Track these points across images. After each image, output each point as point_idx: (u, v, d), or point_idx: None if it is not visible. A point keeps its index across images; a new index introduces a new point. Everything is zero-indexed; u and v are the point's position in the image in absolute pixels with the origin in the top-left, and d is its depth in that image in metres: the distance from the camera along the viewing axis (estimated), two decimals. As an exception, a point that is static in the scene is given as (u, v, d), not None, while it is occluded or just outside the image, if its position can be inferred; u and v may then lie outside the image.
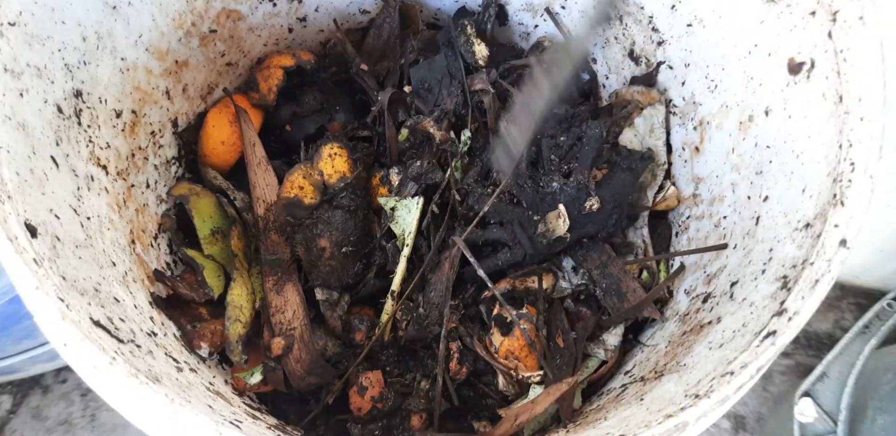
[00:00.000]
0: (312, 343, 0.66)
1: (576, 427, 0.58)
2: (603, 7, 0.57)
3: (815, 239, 0.49)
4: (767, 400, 1.13)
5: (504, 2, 0.83)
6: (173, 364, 0.52)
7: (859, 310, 1.20)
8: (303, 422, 0.66)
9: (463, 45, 0.78)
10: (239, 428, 0.46)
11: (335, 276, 0.69)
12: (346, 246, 0.69)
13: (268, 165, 0.72)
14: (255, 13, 0.75)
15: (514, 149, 0.62)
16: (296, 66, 0.77)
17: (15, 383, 1.14)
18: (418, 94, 0.78)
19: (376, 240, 0.72)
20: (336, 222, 0.69)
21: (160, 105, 0.69)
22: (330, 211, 0.70)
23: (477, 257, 0.66)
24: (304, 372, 0.64)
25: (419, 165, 0.71)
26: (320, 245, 0.69)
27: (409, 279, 0.70)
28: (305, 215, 0.69)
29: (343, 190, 0.70)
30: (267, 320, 0.67)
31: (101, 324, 0.45)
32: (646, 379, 0.59)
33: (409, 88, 0.78)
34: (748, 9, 0.59)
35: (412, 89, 0.78)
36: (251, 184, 0.72)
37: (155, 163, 0.69)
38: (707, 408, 0.44)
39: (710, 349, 0.54)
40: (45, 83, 0.52)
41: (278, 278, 0.67)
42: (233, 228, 0.68)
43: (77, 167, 0.55)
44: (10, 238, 0.43)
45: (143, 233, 0.64)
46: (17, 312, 0.84)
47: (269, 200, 0.71)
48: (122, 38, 0.61)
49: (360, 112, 0.83)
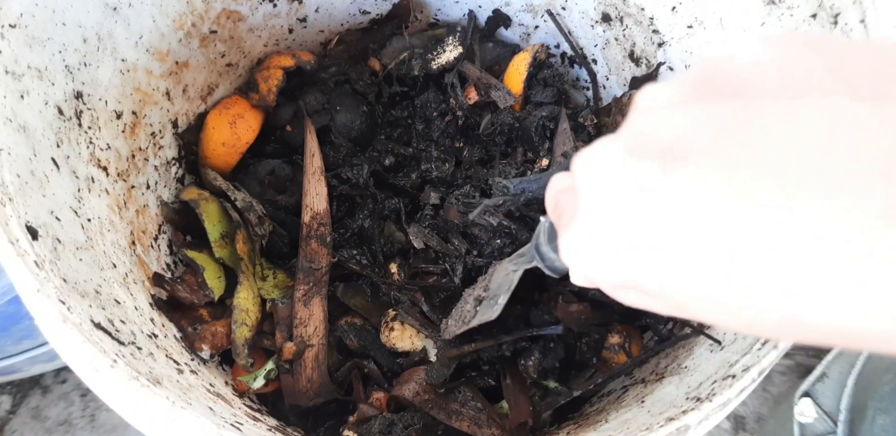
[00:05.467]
0: (326, 365, 0.66)
1: (576, 429, 0.58)
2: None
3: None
4: (767, 400, 1.13)
5: (504, 3, 0.83)
6: (174, 366, 0.52)
7: (859, 310, 1.20)
8: (305, 423, 0.66)
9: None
10: (240, 430, 0.46)
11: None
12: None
13: (322, 176, 0.74)
14: (255, 14, 0.75)
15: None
16: (296, 66, 0.77)
17: (15, 383, 1.14)
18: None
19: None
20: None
21: (160, 106, 0.69)
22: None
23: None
24: (314, 394, 0.65)
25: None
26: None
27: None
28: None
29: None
30: (284, 324, 0.67)
31: (102, 326, 0.45)
32: (647, 381, 0.59)
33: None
34: (749, 10, 0.59)
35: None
36: (304, 191, 0.73)
37: (155, 164, 0.69)
38: (709, 411, 0.44)
39: (712, 352, 0.54)
40: (46, 85, 0.52)
41: (309, 289, 0.68)
42: (238, 232, 0.68)
43: (78, 169, 0.55)
44: (12, 241, 0.43)
45: (143, 234, 0.64)
46: (17, 312, 0.84)
47: (316, 208, 0.72)
48: (122, 39, 0.61)
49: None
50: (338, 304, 0.71)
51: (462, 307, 0.61)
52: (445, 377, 0.62)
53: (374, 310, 0.70)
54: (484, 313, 0.54)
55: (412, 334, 0.67)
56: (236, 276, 0.67)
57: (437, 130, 0.82)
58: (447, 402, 0.61)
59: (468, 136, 0.81)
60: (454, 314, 0.63)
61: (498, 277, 0.56)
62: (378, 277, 0.72)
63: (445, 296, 0.70)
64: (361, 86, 0.82)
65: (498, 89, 0.78)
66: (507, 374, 0.63)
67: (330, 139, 0.80)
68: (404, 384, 0.62)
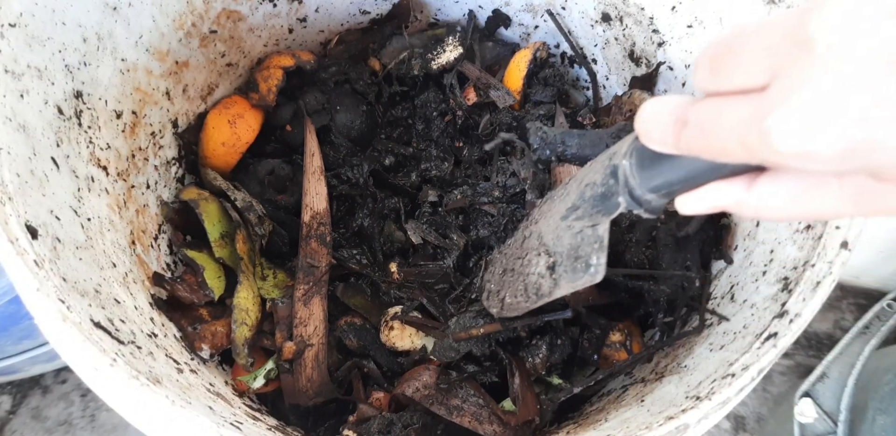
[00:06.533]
0: (326, 365, 0.66)
1: (576, 428, 0.58)
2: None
3: (816, 241, 0.49)
4: (767, 400, 1.13)
5: (504, 3, 0.83)
6: (174, 365, 0.52)
7: (859, 310, 1.20)
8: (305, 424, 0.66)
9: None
10: (239, 429, 0.46)
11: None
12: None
13: (322, 176, 0.74)
14: (255, 14, 0.75)
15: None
16: (295, 66, 0.77)
17: (15, 383, 1.14)
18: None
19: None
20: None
21: (160, 106, 0.69)
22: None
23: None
24: (314, 393, 0.65)
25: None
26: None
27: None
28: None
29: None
30: (284, 324, 0.67)
31: (101, 325, 0.45)
32: (646, 380, 0.59)
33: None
34: (748, 10, 0.59)
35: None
36: (304, 191, 0.73)
37: (155, 163, 0.69)
38: (708, 410, 0.44)
39: (711, 351, 0.54)
40: (46, 84, 0.52)
41: (309, 288, 0.68)
42: (238, 232, 0.68)
43: (77, 168, 0.55)
44: (11, 240, 0.43)
45: (143, 234, 0.64)
46: (17, 312, 0.84)
47: (316, 208, 0.72)
48: (122, 39, 0.61)
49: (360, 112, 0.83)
50: (338, 303, 0.71)
51: (518, 279, 0.54)
52: (453, 359, 0.62)
53: (373, 309, 0.70)
54: (576, 279, 0.47)
55: (412, 333, 0.67)
56: (236, 275, 0.67)
57: (437, 129, 0.82)
58: (448, 398, 0.61)
59: (468, 135, 0.82)
60: (504, 288, 0.56)
61: (563, 238, 0.49)
62: (378, 276, 0.72)
63: (444, 290, 0.71)
64: (361, 86, 0.82)
65: (497, 89, 0.78)
66: (516, 371, 0.63)
67: (330, 139, 0.80)
68: (405, 382, 0.62)
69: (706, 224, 0.64)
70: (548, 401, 0.63)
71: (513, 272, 0.56)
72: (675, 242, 0.64)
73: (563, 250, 0.48)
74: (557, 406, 0.63)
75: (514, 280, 0.55)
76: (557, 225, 0.49)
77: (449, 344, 0.62)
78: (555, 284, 0.49)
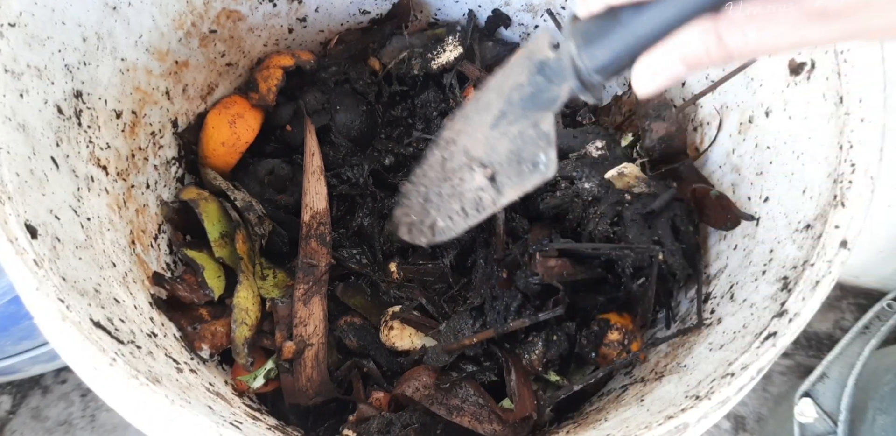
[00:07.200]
0: (326, 364, 0.66)
1: (576, 428, 0.58)
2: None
3: (815, 240, 0.49)
4: (767, 400, 1.13)
5: (504, 3, 0.83)
6: (173, 365, 0.52)
7: (859, 310, 1.20)
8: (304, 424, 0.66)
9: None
10: (239, 429, 0.46)
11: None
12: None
13: (322, 175, 0.74)
14: (255, 14, 0.75)
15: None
16: (295, 66, 0.77)
17: (15, 383, 1.14)
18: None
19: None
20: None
21: (160, 105, 0.69)
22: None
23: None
24: (313, 393, 0.65)
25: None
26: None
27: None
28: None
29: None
30: (284, 324, 0.67)
31: (101, 325, 0.45)
32: (646, 380, 0.59)
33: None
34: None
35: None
36: (304, 190, 0.73)
37: (155, 163, 0.69)
38: (707, 409, 0.44)
39: (711, 350, 0.54)
40: (46, 84, 0.52)
41: (309, 288, 0.68)
42: (237, 232, 0.68)
43: (77, 168, 0.55)
44: (11, 239, 0.43)
45: (143, 233, 0.64)
46: (17, 312, 0.84)
47: (316, 208, 0.72)
48: (122, 38, 0.61)
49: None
50: (337, 303, 0.71)
51: (450, 200, 0.50)
52: (445, 363, 0.62)
53: (373, 309, 0.70)
54: (524, 180, 0.44)
55: (412, 333, 0.67)
56: (236, 275, 0.67)
57: (437, 129, 0.82)
58: (448, 398, 0.61)
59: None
60: (430, 215, 0.52)
61: (499, 146, 0.46)
62: (377, 276, 0.72)
63: (442, 289, 0.71)
64: (361, 85, 0.82)
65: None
66: (512, 368, 0.63)
67: (330, 139, 0.80)
68: (405, 382, 0.62)
69: (673, 203, 0.65)
70: (546, 397, 0.63)
71: (440, 196, 0.52)
72: (642, 218, 0.65)
73: (500, 158, 0.46)
74: (555, 403, 0.63)
75: (442, 204, 0.52)
76: (488, 135, 0.46)
77: (441, 348, 0.63)
78: (498, 193, 0.46)
